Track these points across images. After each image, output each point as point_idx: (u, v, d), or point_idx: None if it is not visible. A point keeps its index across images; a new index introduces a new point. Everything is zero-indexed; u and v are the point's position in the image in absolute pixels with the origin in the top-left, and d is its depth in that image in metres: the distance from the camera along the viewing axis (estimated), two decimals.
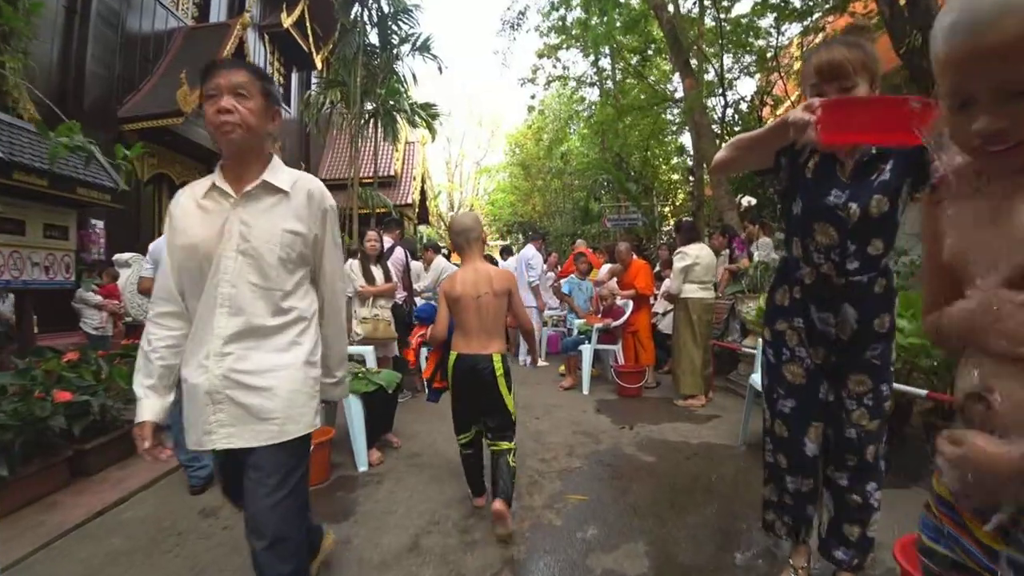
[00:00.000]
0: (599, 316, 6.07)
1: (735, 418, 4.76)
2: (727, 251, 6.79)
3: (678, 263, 5.03)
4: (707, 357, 5.13)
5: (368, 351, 4.52)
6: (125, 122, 10.41)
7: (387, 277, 5.16)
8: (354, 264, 5.15)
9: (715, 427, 4.56)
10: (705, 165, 10.71)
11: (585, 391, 5.73)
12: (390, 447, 4.19)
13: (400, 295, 5.59)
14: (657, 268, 7.21)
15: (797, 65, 10.92)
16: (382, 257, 5.26)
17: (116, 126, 10.31)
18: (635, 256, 6.13)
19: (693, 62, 9.17)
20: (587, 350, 5.72)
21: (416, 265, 6.63)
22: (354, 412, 3.81)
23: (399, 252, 5.69)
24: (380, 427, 4.07)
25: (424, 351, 5.75)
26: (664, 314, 6.54)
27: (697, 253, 5.04)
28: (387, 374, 4.12)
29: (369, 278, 5.06)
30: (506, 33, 12.60)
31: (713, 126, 10.21)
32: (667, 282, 6.72)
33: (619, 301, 5.96)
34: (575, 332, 6.15)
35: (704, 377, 5.11)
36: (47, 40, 9.42)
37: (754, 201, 5.32)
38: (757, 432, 4.33)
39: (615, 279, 6.11)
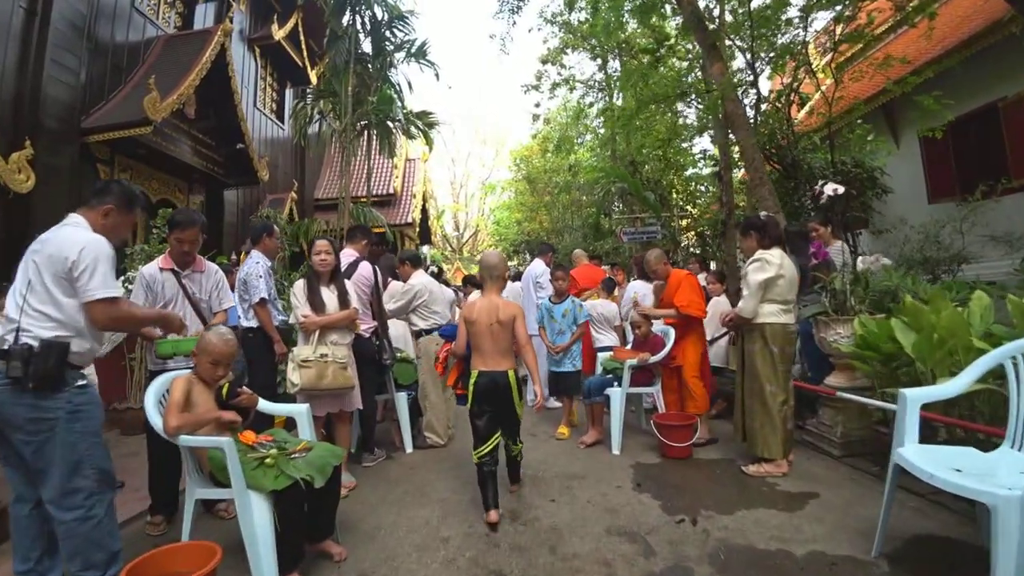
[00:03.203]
0: (629, 348, 4.46)
1: (840, 498, 3.13)
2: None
3: (756, 274, 3.42)
4: (790, 405, 3.50)
5: (301, 412, 2.93)
6: (89, 133, 9.07)
7: (343, 302, 3.61)
8: (298, 287, 3.61)
9: (817, 515, 2.93)
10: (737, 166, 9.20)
11: (615, 450, 4.09)
12: (328, 560, 2.59)
13: (366, 326, 4.03)
14: (703, 282, 5.51)
15: (821, 60, 9.45)
16: (338, 275, 3.71)
17: (78, 137, 8.98)
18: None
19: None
20: (617, 396, 4.10)
21: (397, 287, 5.06)
22: (256, 522, 2.24)
23: (364, 269, 4.12)
24: (304, 537, 2.49)
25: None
26: (712, 341, 4.91)
27: (780, 262, 3.43)
28: (320, 452, 2.55)
29: (317, 304, 3.52)
30: (505, 16, 11.03)
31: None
32: (715, 300, 5.13)
33: (656, 328, 4.36)
34: (600, 372, 4.53)
35: (787, 432, 3.48)
36: (1, 43, 8.15)
37: (841, 189, 3.77)
38: (901, 533, 2.72)
39: (651, 299, 4.50)
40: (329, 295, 3.58)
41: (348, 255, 4.15)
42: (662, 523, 2.88)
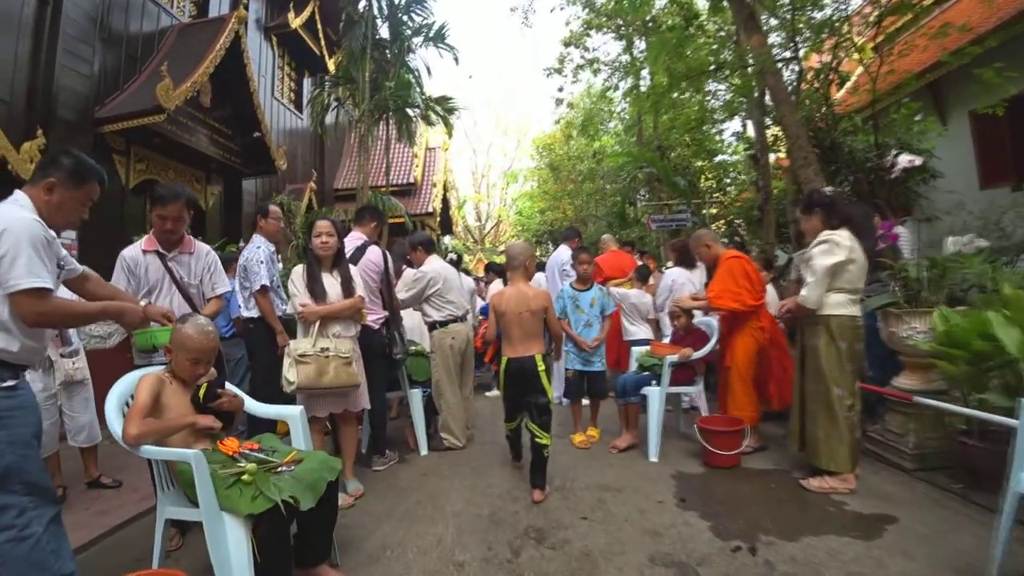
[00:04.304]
0: (668, 342, 3.97)
1: (923, 523, 2.62)
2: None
3: (823, 258, 2.91)
4: (857, 410, 3.00)
5: (295, 415, 2.52)
6: (104, 123, 8.85)
7: (348, 290, 3.20)
8: (296, 273, 3.21)
9: (900, 545, 2.42)
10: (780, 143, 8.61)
11: (653, 457, 3.63)
12: None
13: (375, 316, 3.63)
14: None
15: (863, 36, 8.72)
16: (342, 260, 3.30)
17: (92, 127, 8.77)
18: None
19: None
20: (656, 396, 3.63)
21: (409, 275, 4.63)
22: (231, 551, 1.84)
23: (373, 253, 3.70)
24: (291, 566, 2.09)
25: None
26: None
27: (851, 244, 2.91)
28: (312, 465, 2.14)
29: (318, 292, 3.12)
30: None
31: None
32: (764, 290, 4.59)
33: (697, 320, 3.86)
34: (635, 368, 4.01)
35: (855, 442, 2.98)
36: (12, 31, 7.95)
37: (918, 161, 3.23)
38: (1011, 573, 2.22)
39: (690, 288, 3.99)
40: (331, 282, 3.18)
41: (355, 238, 3.74)
42: (714, 550, 2.42)
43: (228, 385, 2.45)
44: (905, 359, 3.43)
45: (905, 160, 3.23)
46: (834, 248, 2.89)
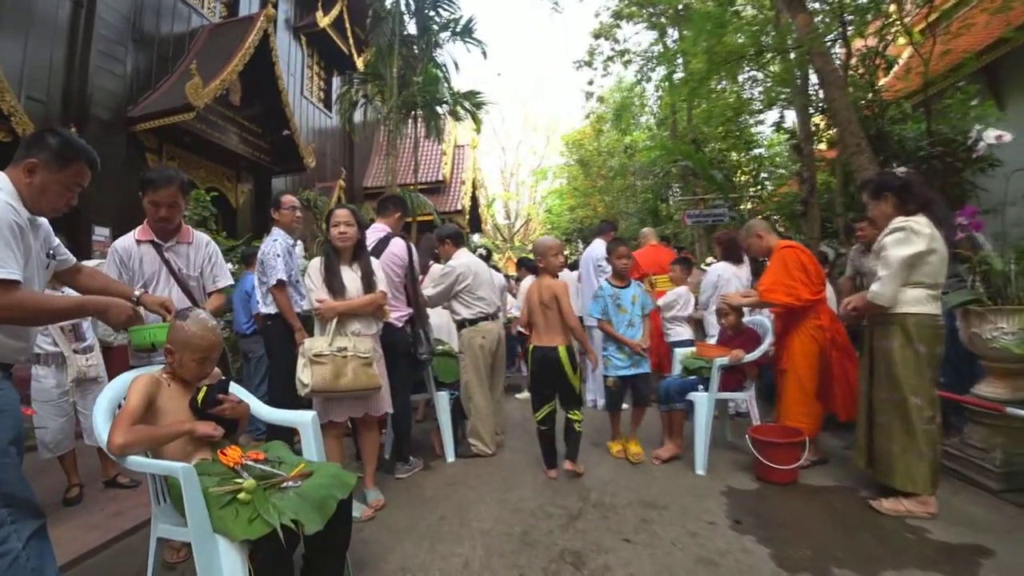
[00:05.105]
0: (715, 343, 3.61)
1: (1019, 552, 2.22)
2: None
3: (898, 248, 2.52)
4: (938, 423, 2.61)
5: (306, 422, 2.27)
6: (136, 122, 8.89)
7: (368, 285, 2.95)
8: (313, 266, 2.97)
9: None
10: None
11: (700, 470, 3.28)
12: None
13: (399, 313, 3.37)
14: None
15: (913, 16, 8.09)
16: (362, 253, 3.05)
17: (125, 126, 8.82)
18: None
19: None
20: (704, 403, 3.28)
21: (437, 270, 4.37)
22: None
23: (396, 246, 3.44)
24: None
25: None
26: None
27: (931, 232, 2.52)
28: (322, 481, 1.88)
29: (336, 286, 2.87)
30: None
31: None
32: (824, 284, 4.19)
33: (747, 318, 3.49)
34: (679, 372, 3.66)
35: (935, 458, 2.59)
36: (48, 34, 8.02)
37: (1008, 137, 2.83)
38: None
39: (736, 284, 3.62)
40: (351, 276, 2.93)
41: (378, 230, 3.49)
42: None
43: (234, 387, 2.21)
44: (988, 364, 3.01)
45: (992, 136, 2.80)
46: (911, 236, 2.50)
